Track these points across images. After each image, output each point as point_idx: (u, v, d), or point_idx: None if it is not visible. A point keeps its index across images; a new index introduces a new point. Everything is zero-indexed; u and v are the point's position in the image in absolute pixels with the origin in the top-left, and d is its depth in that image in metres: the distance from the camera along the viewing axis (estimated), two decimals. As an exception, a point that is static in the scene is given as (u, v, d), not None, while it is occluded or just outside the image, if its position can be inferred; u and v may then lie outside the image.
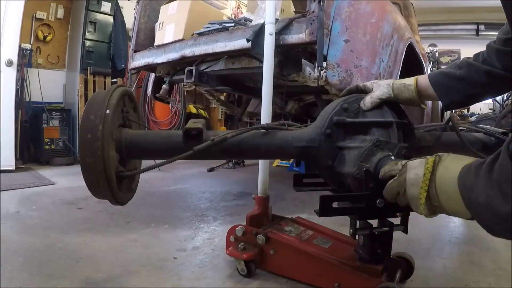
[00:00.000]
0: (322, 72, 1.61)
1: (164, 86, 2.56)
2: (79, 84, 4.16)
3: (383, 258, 1.06)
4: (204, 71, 2.12)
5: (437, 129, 1.27)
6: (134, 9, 2.69)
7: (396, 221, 0.98)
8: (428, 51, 7.61)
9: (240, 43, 1.77)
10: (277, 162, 4.27)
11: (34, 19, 4.20)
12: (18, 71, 3.68)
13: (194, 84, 2.59)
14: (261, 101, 1.47)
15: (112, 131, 0.90)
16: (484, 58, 0.93)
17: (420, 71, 2.66)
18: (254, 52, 1.72)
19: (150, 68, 2.64)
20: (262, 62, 1.51)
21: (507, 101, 5.22)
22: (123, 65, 4.46)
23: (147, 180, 3.01)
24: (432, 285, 1.26)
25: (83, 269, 1.32)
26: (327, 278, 1.14)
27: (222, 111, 5.40)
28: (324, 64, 1.61)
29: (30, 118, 4.04)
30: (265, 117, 1.44)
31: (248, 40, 1.63)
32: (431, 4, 7.67)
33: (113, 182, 0.89)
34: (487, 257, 1.51)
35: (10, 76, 3.43)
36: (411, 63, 2.40)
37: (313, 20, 1.59)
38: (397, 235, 1.03)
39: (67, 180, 3.06)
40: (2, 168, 3.26)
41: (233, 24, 1.97)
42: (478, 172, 0.60)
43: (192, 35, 2.17)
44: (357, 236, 1.08)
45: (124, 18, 4.61)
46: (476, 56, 0.96)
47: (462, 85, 0.95)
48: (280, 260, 1.27)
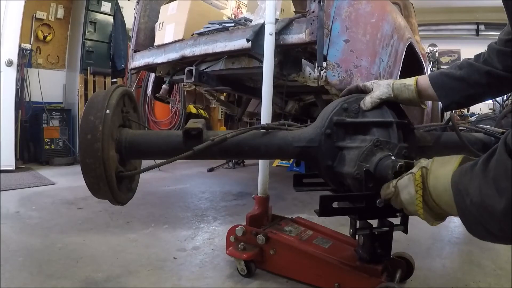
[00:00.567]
0: (322, 72, 1.61)
1: (164, 86, 2.56)
2: (79, 84, 4.16)
3: (383, 258, 1.06)
4: (204, 71, 2.12)
5: (437, 129, 1.27)
6: (134, 9, 2.69)
7: (396, 221, 0.98)
8: (428, 51, 7.61)
9: (240, 43, 1.77)
10: (277, 162, 4.27)
11: (34, 19, 4.21)
12: (18, 71, 3.68)
13: (194, 84, 2.59)
14: (261, 101, 1.47)
15: (112, 131, 0.90)
16: (485, 59, 0.93)
17: (420, 71, 2.66)
18: (254, 52, 1.72)
19: (150, 68, 2.64)
20: (262, 62, 1.51)
21: (507, 101, 5.22)
22: (123, 65, 4.47)
23: (147, 180, 3.01)
24: (432, 285, 1.26)
25: (83, 269, 1.32)
26: (327, 278, 1.14)
27: (222, 111, 5.40)
28: (324, 64, 1.61)
29: (30, 118, 4.04)
30: (265, 117, 1.44)
31: (248, 40, 1.63)
32: (431, 4, 7.66)
33: (113, 182, 0.89)
34: (487, 257, 1.51)
35: (10, 76, 3.43)
36: (411, 63, 2.40)
37: (313, 20, 1.59)
38: (397, 235, 1.03)
39: (67, 180, 3.07)
40: (2, 168, 3.26)
41: (233, 24, 1.97)
42: (472, 174, 0.58)
43: (192, 35, 2.17)
44: (357, 236, 1.08)
45: (124, 18, 4.61)
46: (477, 57, 0.96)
47: (463, 86, 0.95)
48: (280, 260, 1.27)
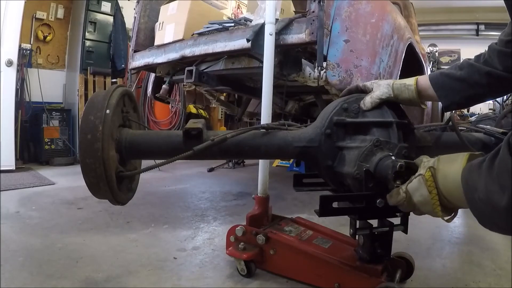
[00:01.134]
0: (322, 72, 1.61)
1: (164, 86, 2.56)
2: (79, 84, 4.16)
3: (383, 258, 1.06)
4: (204, 71, 2.12)
5: (437, 129, 1.27)
6: (134, 9, 2.69)
7: (396, 221, 0.98)
8: (428, 51, 7.61)
9: (240, 43, 1.77)
10: (277, 162, 4.27)
11: (34, 19, 4.21)
12: (18, 71, 3.68)
13: (194, 84, 2.59)
14: (261, 101, 1.47)
15: (112, 131, 0.90)
16: (485, 59, 0.93)
17: (420, 71, 2.66)
18: (254, 52, 1.72)
19: (150, 68, 2.64)
20: (262, 62, 1.51)
21: (507, 101, 5.22)
22: (123, 65, 4.46)
23: (147, 180, 3.01)
24: (432, 285, 1.26)
25: (83, 269, 1.32)
26: (327, 278, 1.14)
27: (222, 111, 5.40)
28: (324, 64, 1.61)
29: (30, 118, 4.04)
30: (265, 117, 1.44)
31: (248, 40, 1.63)
32: (431, 4, 7.67)
33: (113, 182, 0.89)
34: (487, 257, 1.51)
35: (10, 76, 3.43)
36: (411, 63, 2.40)
37: (313, 20, 1.59)
38: (397, 235, 1.03)
39: (67, 180, 3.07)
40: (2, 168, 3.26)
41: (233, 24, 1.97)
42: (480, 171, 0.61)
43: (192, 35, 2.17)
44: (357, 236, 1.08)
45: (124, 18, 4.61)
46: (477, 57, 0.96)
47: (463, 86, 0.95)
48: (280, 260, 1.27)
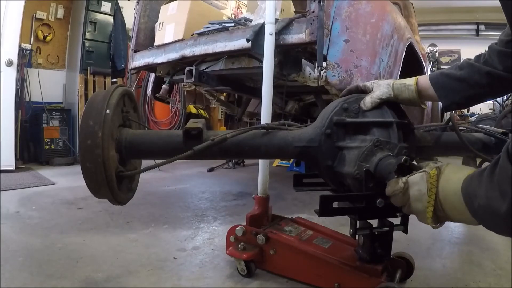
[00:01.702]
0: (322, 72, 1.61)
1: (164, 86, 2.56)
2: (79, 84, 4.16)
3: (383, 258, 1.06)
4: (204, 71, 2.12)
5: (437, 129, 1.27)
6: (134, 9, 2.69)
7: (396, 221, 0.98)
8: (428, 51, 7.62)
9: (240, 43, 1.77)
10: (277, 162, 4.27)
11: (34, 19, 4.20)
12: (18, 71, 3.68)
13: (194, 84, 2.59)
14: (261, 101, 1.47)
15: (112, 131, 0.90)
16: (486, 59, 0.93)
17: (420, 71, 2.66)
18: (254, 52, 1.72)
19: (150, 68, 2.64)
20: (262, 62, 1.51)
21: (507, 101, 5.22)
22: (123, 65, 4.46)
23: (147, 180, 3.01)
24: (432, 285, 1.26)
25: (83, 269, 1.32)
26: (327, 278, 1.14)
27: (222, 111, 5.40)
28: (324, 64, 1.61)
29: (30, 118, 4.04)
30: (265, 117, 1.44)
31: (248, 40, 1.63)
32: (431, 4, 7.67)
33: (113, 182, 0.89)
34: (487, 257, 1.51)
35: (10, 76, 3.43)
36: (411, 63, 2.40)
37: (313, 20, 1.59)
38: (397, 235, 1.03)
39: (67, 180, 3.07)
40: (2, 168, 3.26)
41: (233, 24, 1.97)
42: (481, 179, 0.61)
43: (192, 35, 2.17)
44: (357, 236, 1.08)
45: (124, 18, 4.61)
46: (477, 58, 0.96)
47: (463, 86, 0.95)
48: (280, 260, 1.27)
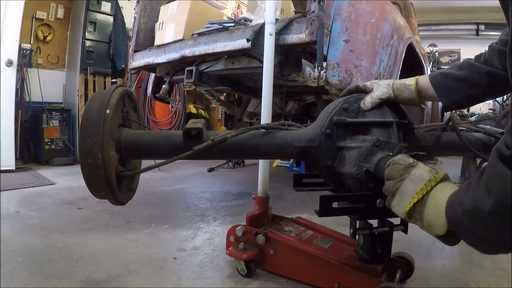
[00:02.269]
0: (322, 72, 1.61)
1: (164, 86, 2.56)
2: (79, 84, 4.16)
3: (383, 258, 1.06)
4: (204, 71, 2.12)
5: (437, 129, 1.27)
6: (134, 9, 2.69)
7: (396, 221, 0.97)
8: (428, 51, 7.61)
9: (240, 43, 1.77)
10: (277, 162, 4.27)
11: (34, 19, 4.20)
12: (18, 71, 3.68)
13: (194, 84, 2.59)
14: (261, 101, 1.47)
15: (112, 131, 0.90)
16: (486, 59, 0.93)
17: (420, 71, 2.66)
18: (254, 52, 1.72)
19: (150, 68, 2.64)
20: (262, 62, 1.51)
21: (507, 101, 5.22)
22: (123, 65, 4.46)
23: (147, 180, 3.01)
24: (432, 285, 1.26)
25: (83, 269, 1.32)
26: (327, 278, 1.14)
27: (222, 111, 5.40)
28: (324, 64, 1.61)
29: (30, 118, 4.04)
30: (265, 117, 1.44)
31: (248, 40, 1.63)
32: (431, 4, 7.66)
33: (113, 182, 0.89)
34: (487, 257, 1.51)
35: (10, 76, 3.43)
36: (411, 63, 2.40)
37: (313, 20, 1.59)
38: (397, 235, 1.03)
39: (67, 180, 3.06)
40: (2, 168, 3.26)
41: (233, 24, 1.97)
42: (468, 187, 0.59)
43: (192, 35, 2.17)
44: (357, 236, 1.08)
45: (124, 18, 4.61)
46: (477, 57, 0.96)
47: (463, 86, 0.95)
48: (280, 260, 1.27)
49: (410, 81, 1.01)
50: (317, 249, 1.22)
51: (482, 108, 6.93)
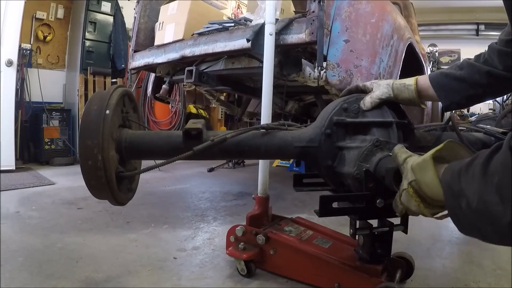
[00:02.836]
0: (322, 72, 1.61)
1: (164, 86, 2.56)
2: (79, 84, 4.16)
3: (383, 258, 1.06)
4: (204, 71, 2.12)
5: (437, 129, 1.27)
6: (134, 9, 2.69)
7: (396, 221, 0.98)
8: (428, 51, 7.61)
9: (240, 43, 1.77)
10: (277, 162, 4.27)
11: (34, 19, 4.20)
12: (18, 71, 3.68)
13: (194, 84, 2.59)
14: (261, 101, 1.47)
15: (112, 131, 0.90)
16: (486, 59, 0.93)
17: (420, 71, 2.66)
18: (254, 52, 1.72)
19: (150, 68, 2.64)
20: (262, 62, 1.51)
21: (507, 101, 5.22)
22: (123, 65, 4.46)
23: (147, 180, 3.01)
24: (432, 285, 1.26)
25: (83, 269, 1.32)
26: (327, 278, 1.14)
27: (222, 111, 5.40)
28: (324, 64, 1.61)
29: (30, 118, 4.04)
30: (265, 117, 1.44)
31: (248, 40, 1.63)
32: (431, 4, 7.66)
33: (113, 183, 0.89)
34: (487, 257, 1.51)
35: (10, 76, 3.43)
36: (411, 63, 2.40)
37: (313, 20, 1.59)
38: (397, 235, 1.03)
39: (67, 180, 3.07)
40: (2, 168, 3.26)
41: (233, 24, 1.97)
42: (468, 175, 0.56)
43: (192, 35, 2.17)
44: (357, 236, 1.08)
45: (124, 18, 4.61)
46: (477, 57, 0.96)
47: (463, 86, 0.95)
48: (280, 260, 1.27)
49: (410, 81, 1.01)
50: (317, 249, 1.22)
51: (482, 108, 6.93)
